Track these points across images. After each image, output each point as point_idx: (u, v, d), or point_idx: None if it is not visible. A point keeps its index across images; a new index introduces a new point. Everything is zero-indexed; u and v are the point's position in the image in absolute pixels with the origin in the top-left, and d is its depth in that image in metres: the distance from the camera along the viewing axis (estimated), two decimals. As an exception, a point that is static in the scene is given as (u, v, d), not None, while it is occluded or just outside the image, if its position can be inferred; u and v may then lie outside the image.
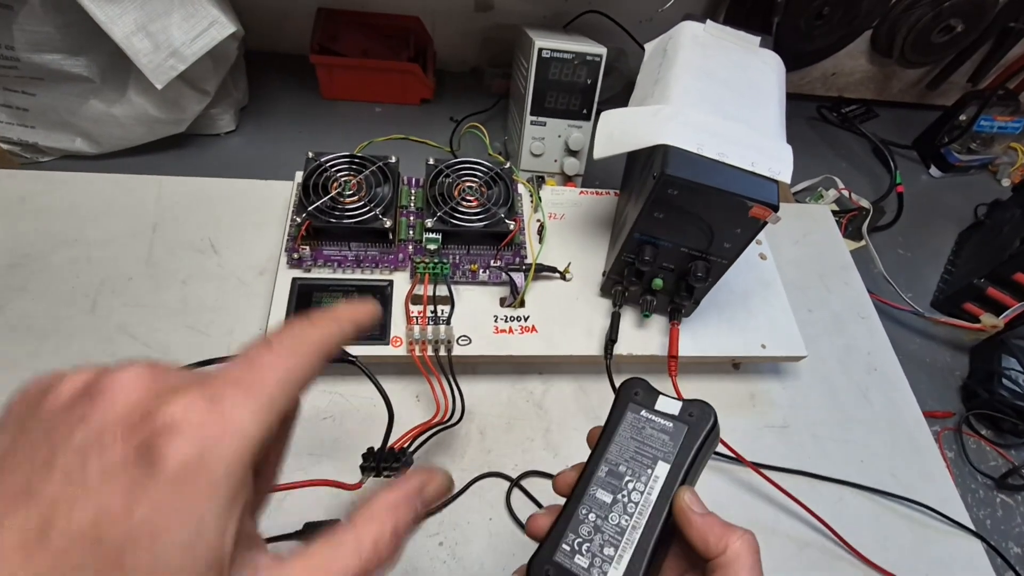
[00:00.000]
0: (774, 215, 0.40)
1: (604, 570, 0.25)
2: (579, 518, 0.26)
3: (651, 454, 0.27)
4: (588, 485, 0.27)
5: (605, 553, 0.25)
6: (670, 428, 0.27)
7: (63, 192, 0.56)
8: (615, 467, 0.27)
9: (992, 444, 0.62)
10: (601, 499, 0.26)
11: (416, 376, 0.48)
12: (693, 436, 0.27)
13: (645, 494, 0.26)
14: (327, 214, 0.49)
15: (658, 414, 0.28)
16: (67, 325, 0.48)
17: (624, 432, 0.28)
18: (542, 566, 0.25)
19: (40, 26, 0.56)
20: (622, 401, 0.29)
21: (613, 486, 0.26)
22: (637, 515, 0.26)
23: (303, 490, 0.43)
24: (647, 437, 0.27)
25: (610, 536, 0.25)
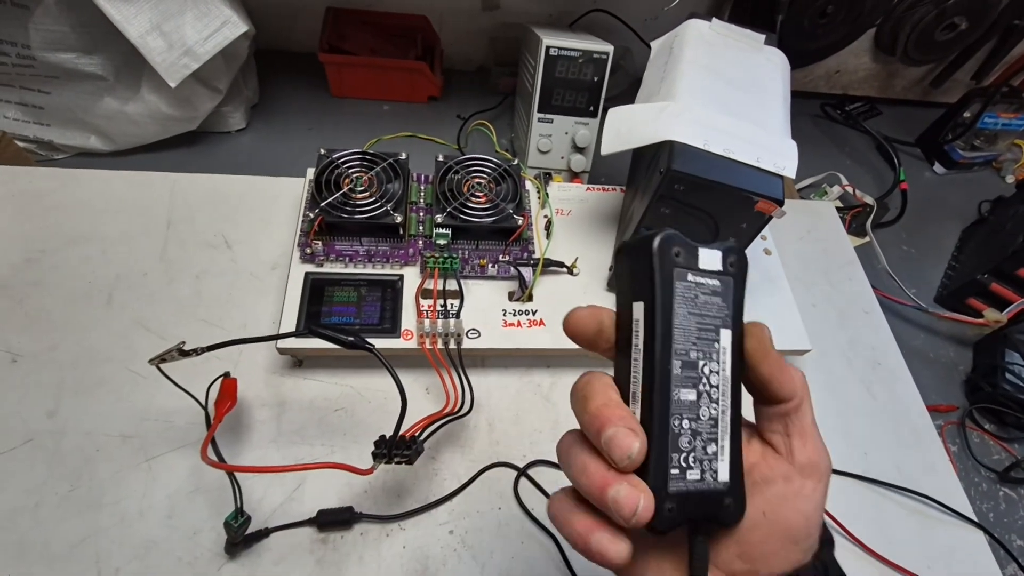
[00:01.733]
0: (779, 210, 0.40)
1: (715, 469, 0.22)
2: (675, 432, 0.22)
3: (712, 324, 0.23)
4: (669, 391, 0.22)
5: (709, 452, 0.22)
6: (719, 287, 0.23)
7: (78, 189, 0.57)
8: (687, 356, 0.22)
9: (995, 438, 0.62)
10: (687, 400, 0.22)
11: (426, 369, 0.49)
12: (739, 289, 0.24)
13: (722, 372, 0.23)
14: (339, 209, 0.50)
15: (705, 275, 0.23)
16: (84, 319, 0.49)
17: (681, 310, 0.23)
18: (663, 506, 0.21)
19: (55, 25, 0.57)
20: (664, 269, 0.23)
21: (692, 379, 0.22)
22: (721, 397, 0.23)
23: (316, 480, 0.44)
24: (702, 306, 0.23)
25: (708, 433, 0.22)
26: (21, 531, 0.40)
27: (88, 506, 0.41)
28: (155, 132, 0.66)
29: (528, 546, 0.44)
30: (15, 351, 0.47)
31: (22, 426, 0.44)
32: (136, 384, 0.47)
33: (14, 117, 0.64)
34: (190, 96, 0.64)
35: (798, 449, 0.23)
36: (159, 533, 0.41)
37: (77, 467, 0.43)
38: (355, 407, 0.48)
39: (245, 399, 0.47)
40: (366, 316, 0.48)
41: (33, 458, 0.43)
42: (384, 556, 0.42)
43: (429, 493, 0.45)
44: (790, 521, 0.22)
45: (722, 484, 0.22)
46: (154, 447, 0.44)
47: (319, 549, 0.42)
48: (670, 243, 0.23)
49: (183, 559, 0.40)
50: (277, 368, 0.49)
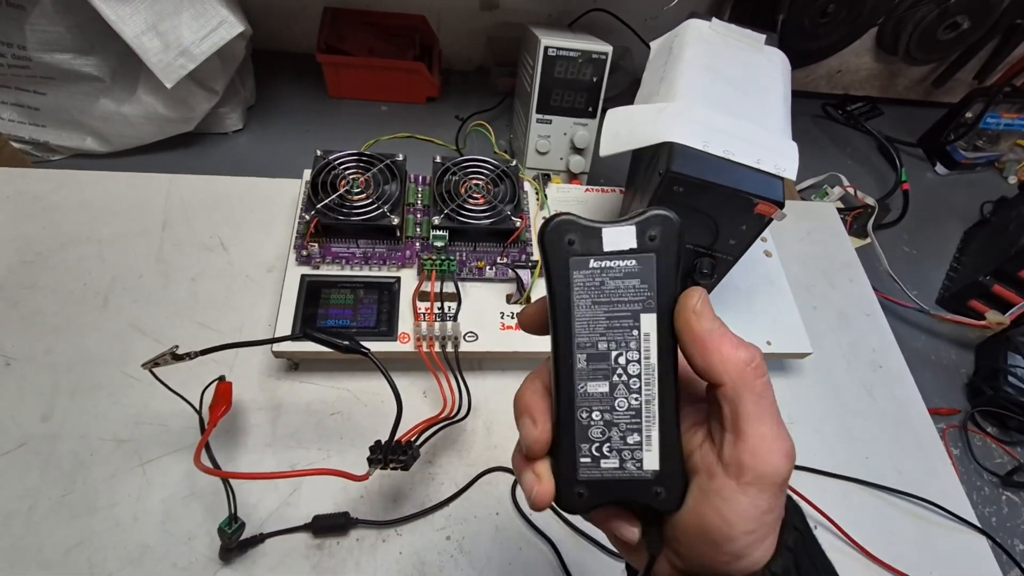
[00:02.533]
0: (779, 212, 0.40)
1: (638, 459, 0.22)
2: (582, 424, 0.22)
3: (627, 310, 0.21)
4: (573, 385, 0.22)
5: (630, 443, 0.22)
6: (635, 267, 0.21)
7: (74, 190, 0.56)
8: (593, 348, 0.21)
9: (998, 441, 0.62)
10: (596, 392, 0.22)
11: (423, 372, 0.48)
12: (667, 264, 0.21)
13: (643, 359, 0.21)
14: (335, 211, 0.49)
15: (611, 256, 0.21)
16: (79, 321, 0.49)
17: (581, 301, 0.21)
18: (572, 491, 0.22)
19: (51, 26, 0.57)
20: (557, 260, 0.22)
21: (602, 371, 0.22)
22: (645, 387, 0.21)
23: (312, 485, 0.44)
24: (611, 293, 0.21)
25: (627, 424, 0.22)
26: (14, 536, 0.40)
27: (82, 511, 0.41)
28: (151, 133, 0.65)
29: (526, 552, 0.44)
30: (9, 354, 0.47)
31: (16, 430, 0.43)
32: (131, 387, 0.46)
33: (10, 118, 0.63)
34: (186, 97, 0.63)
35: (727, 444, 0.20)
36: (153, 538, 0.40)
37: (71, 471, 0.42)
38: (351, 411, 0.48)
39: (240, 403, 0.47)
40: (362, 319, 0.48)
41: (27, 462, 0.42)
42: (380, 562, 0.42)
43: (426, 498, 0.45)
44: (707, 520, 0.20)
45: (649, 473, 0.22)
46: (148, 451, 0.44)
47: (315, 555, 0.41)
48: (561, 230, 0.21)
49: (177, 564, 0.40)
50: (273, 371, 0.49)
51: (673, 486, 0.22)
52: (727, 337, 0.20)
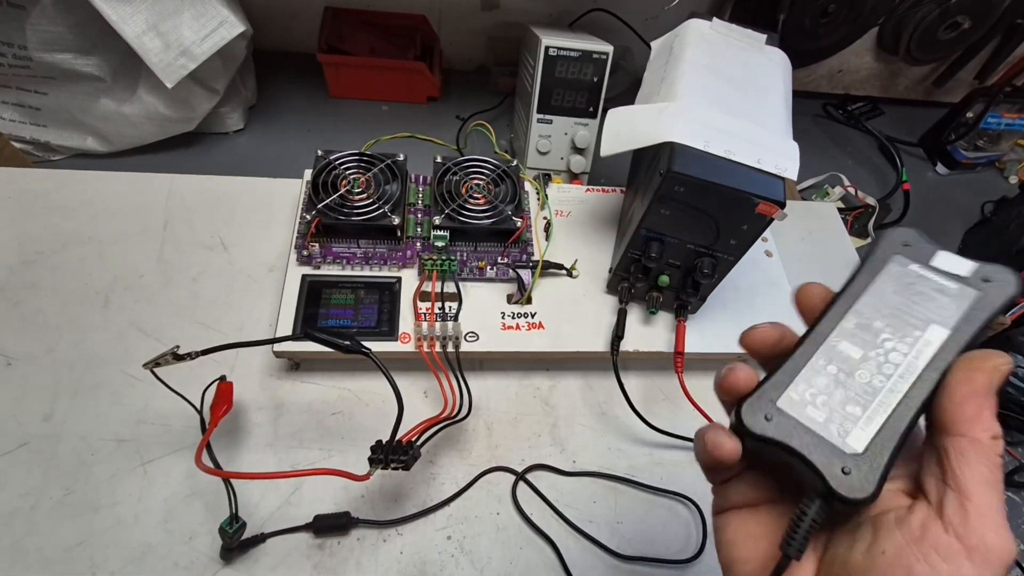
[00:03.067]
0: (780, 212, 0.40)
1: (846, 428, 0.20)
2: (815, 367, 0.21)
3: (922, 315, 0.21)
4: (828, 332, 0.22)
5: (848, 411, 0.21)
6: (954, 290, 0.22)
7: (75, 190, 0.56)
8: (868, 320, 0.22)
9: (998, 441, 0.62)
10: (845, 352, 0.21)
11: (424, 372, 0.48)
12: (986, 305, 0.21)
13: (910, 356, 0.21)
14: (336, 211, 0.49)
15: (937, 272, 0.22)
16: (80, 321, 0.49)
17: (885, 284, 0.22)
18: (760, 408, 0.21)
19: (52, 26, 0.57)
20: (883, 251, 0.23)
21: (864, 340, 0.22)
22: (897, 378, 0.21)
23: (313, 485, 0.44)
24: (918, 295, 0.22)
25: (856, 394, 0.21)
26: (16, 535, 0.40)
27: (83, 510, 0.41)
28: (152, 133, 0.65)
29: (526, 551, 0.44)
30: (10, 354, 0.47)
31: (17, 429, 0.44)
32: (132, 387, 0.46)
33: (10, 118, 0.63)
34: (187, 97, 0.63)
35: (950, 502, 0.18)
36: (155, 537, 0.40)
37: (72, 471, 0.42)
38: (353, 410, 0.48)
39: (241, 402, 0.47)
40: (363, 319, 0.48)
41: (28, 462, 0.42)
42: (381, 562, 0.42)
43: (427, 498, 0.45)
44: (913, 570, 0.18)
45: (848, 448, 0.20)
46: (150, 451, 0.44)
47: (316, 555, 0.41)
48: (902, 234, 0.23)
49: (179, 564, 0.40)
50: (274, 371, 0.49)
51: (867, 476, 0.20)
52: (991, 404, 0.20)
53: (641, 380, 0.54)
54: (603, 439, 0.50)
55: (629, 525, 0.46)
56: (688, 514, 0.47)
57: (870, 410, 0.21)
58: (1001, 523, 0.18)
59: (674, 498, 0.48)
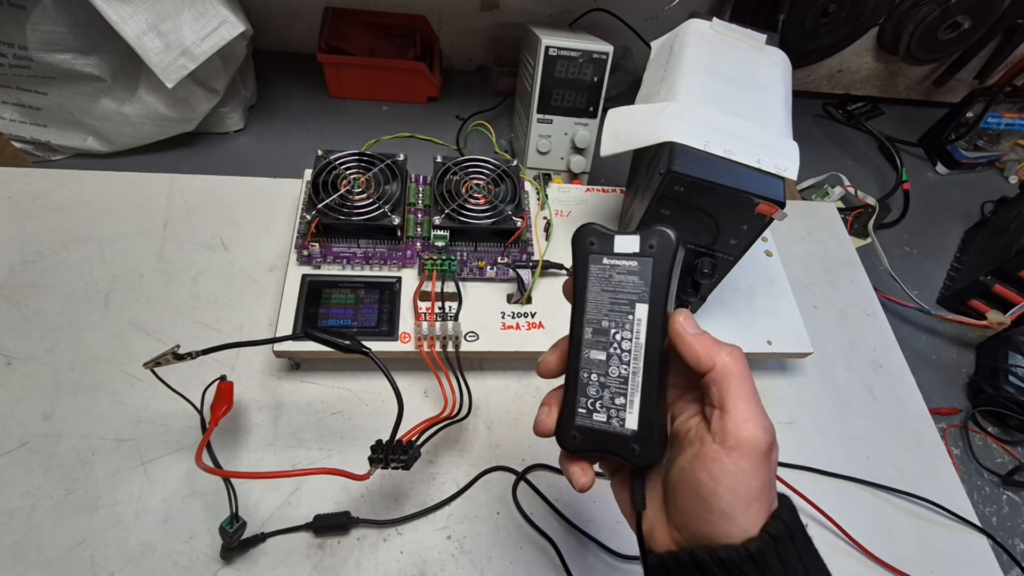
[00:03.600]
0: (780, 212, 0.40)
1: (622, 418, 0.27)
2: (583, 382, 0.28)
3: (626, 299, 0.27)
4: (580, 350, 0.28)
5: (616, 403, 0.27)
6: (636, 267, 0.27)
7: (75, 190, 0.56)
8: (598, 324, 0.28)
9: (998, 441, 0.62)
10: (596, 359, 0.27)
11: (424, 372, 0.48)
12: (661, 267, 0.27)
13: (634, 339, 0.27)
14: (336, 211, 0.49)
15: (619, 257, 0.27)
16: (81, 320, 0.49)
17: (593, 287, 0.28)
18: (567, 433, 0.28)
19: (52, 26, 0.57)
20: (580, 256, 0.28)
21: (602, 343, 0.27)
22: (633, 360, 0.27)
23: (313, 485, 0.44)
24: (616, 284, 0.27)
25: (616, 388, 0.27)
26: (16, 535, 0.40)
27: (83, 509, 0.41)
28: (152, 133, 0.65)
29: (527, 551, 0.44)
30: (11, 353, 0.47)
31: (18, 429, 0.44)
32: (132, 387, 0.46)
33: (11, 118, 0.63)
34: (187, 97, 0.63)
35: (715, 417, 0.25)
36: (155, 537, 0.41)
37: (73, 470, 0.42)
38: (353, 410, 0.48)
39: (241, 402, 0.47)
40: (363, 319, 0.48)
41: (29, 461, 0.42)
42: (381, 561, 0.42)
43: (427, 497, 0.45)
44: (698, 478, 0.24)
45: (628, 431, 0.27)
46: (150, 450, 0.44)
47: (316, 554, 0.41)
48: (585, 234, 0.28)
49: (179, 563, 0.40)
50: (274, 371, 0.49)
51: (647, 445, 0.26)
52: (709, 337, 0.26)
53: (641, 380, 0.54)
54: (603, 439, 0.50)
55: (629, 524, 0.46)
56: (688, 514, 0.47)
57: (628, 395, 0.27)
58: (751, 421, 0.24)
59: (674, 498, 0.48)
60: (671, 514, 0.26)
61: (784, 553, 0.23)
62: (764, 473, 0.24)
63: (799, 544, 0.24)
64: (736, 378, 0.25)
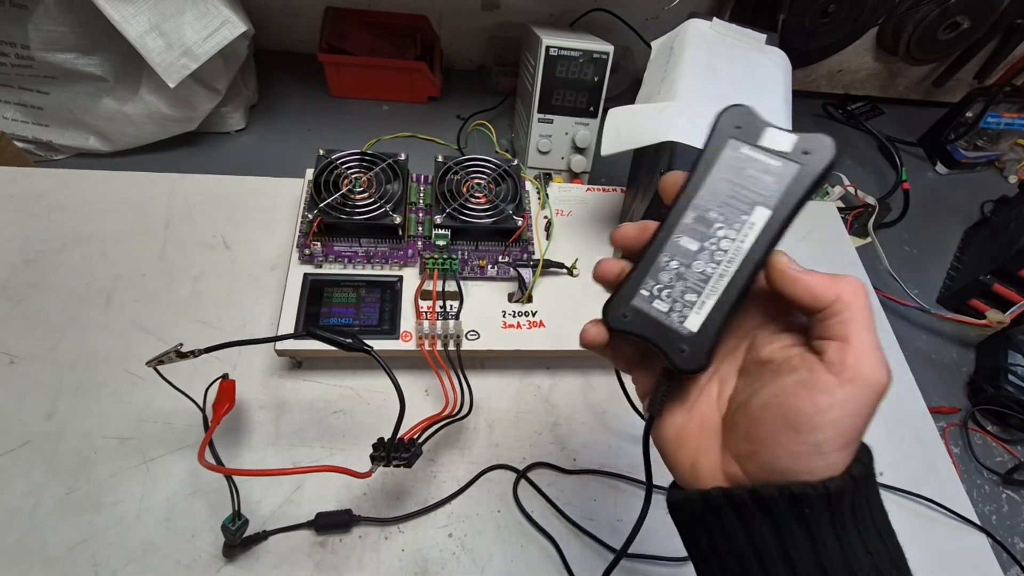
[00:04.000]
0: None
1: (684, 315, 0.24)
2: (660, 265, 0.25)
3: (749, 198, 0.24)
4: (671, 232, 0.25)
5: (686, 299, 0.24)
6: (777, 168, 0.24)
7: (77, 190, 0.56)
8: (704, 213, 0.24)
9: (998, 440, 0.62)
10: (685, 247, 0.24)
11: (425, 370, 0.49)
12: (803, 178, 0.23)
13: (737, 241, 0.24)
14: (338, 210, 0.49)
15: (764, 152, 0.24)
16: (82, 320, 0.49)
17: (719, 174, 0.24)
18: (619, 309, 0.25)
19: (54, 25, 0.57)
20: (719, 135, 0.25)
21: (700, 233, 0.24)
22: (726, 263, 0.24)
23: (314, 482, 0.44)
24: (747, 179, 0.24)
25: (693, 283, 0.24)
26: (19, 533, 0.40)
27: (86, 508, 0.41)
28: (154, 132, 0.65)
29: (528, 549, 0.44)
30: (13, 352, 0.47)
31: (20, 428, 0.44)
32: (134, 386, 0.46)
33: (13, 117, 0.64)
34: (189, 96, 0.63)
35: (833, 348, 0.22)
36: (157, 535, 0.41)
37: (75, 469, 0.42)
38: (354, 409, 0.48)
39: (244, 401, 0.47)
40: (365, 317, 0.48)
41: (31, 460, 0.42)
42: (383, 559, 0.42)
43: (428, 496, 0.45)
44: (797, 406, 0.22)
45: (685, 331, 0.24)
46: (152, 449, 0.44)
47: (317, 552, 0.42)
48: (734, 114, 0.25)
49: (181, 562, 0.40)
50: (276, 370, 0.49)
51: (698, 351, 0.24)
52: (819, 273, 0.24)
53: (642, 379, 0.54)
54: (603, 437, 0.50)
55: (629, 523, 0.46)
56: (689, 512, 0.47)
57: (703, 295, 0.24)
58: (875, 358, 0.22)
59: (675, 496, 0.48)
60: (738, 443, 0.24)
61: (857, 499, 0.22)
62: (870, 414, 0.22)
63: (871, 493, 0.23)
64: (862, 309, 0.23)
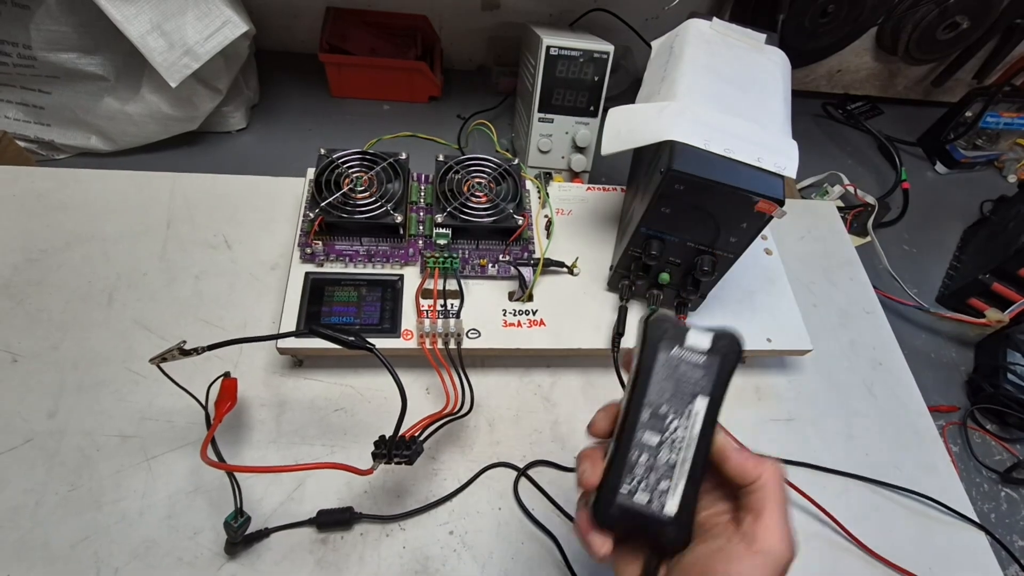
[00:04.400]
0: (780, 210, 0.40)
1: (663, 502, 0.28)
2: (632, 462, 0.28)
3: (689, 391, 0.29)
4: (635, 430, 0.29)
5: (661, 488, 0.28)
6: (703, 362, 0.29)
7: (79, 189, 0.57)
8: (657, 409, 0.29)
9: (997, 438, 0.62)
10: (648, 441, 0.28)
11: (426, 369, 0.49)
12: (725, 367, 0.29)
13: (689, 429, 0.28)
14: (339, 209, 0.50)
15: (690, 351, 0.29)
16: (84, 318, 0.49)
17: (660, 373, 0.29)
18: (608, 509, 0.28)
19: (56, 25, 0.57)
20: (653, 341, 0.29)
21: (658, 427, 0.29)
22: (684, 450, 0.28)
23: (316, 480, 0.44)
24: (683, 375, 0.29)
25: (663, 472, 0.28)
26: (21, 531, 0.40)
27: (88, 506, 0.41)
28: (156, 132, 0.66)
29: (528, 546, 0.44)
30: (15, 351, 0.47)
31: (22, 426, 0.44)
32: (136, 384, 0.47)
33: (15, 117, 0.64)
34: (191, 96, 0.64)
35: (748, 521, 0.26)
36: (159, 533, 0.41)
37: (77, 467, 0.43)
38: (355, 407, 0.48)
39: (245, 399, 0.47)
40: (366, 316, 0.48)
41: (33, 458, 0.43)
42: (384, 556, 0.42)
43: (429, 493, 0.45)
44: (715, 570, 0.26)
45: (667, 516, 0.27)
46: (154, 447, 0.44)
47: (319, 549, 0.42)
48: (661, 322, 0.29)
49: (183, 559, 0.40)
50: (277, 368, 0.49)
51: (682, 531, 0.27)
52: (748, 451, 0.28)
53: (642, 377, 0.54)
54: (604, 436, 0.50)
55: None
56: (688, 510, 0.48)
57: (673, 481, 0.28)
58: (782, 534, 0.26)
59: (674, 494, 0.48)
60: None
61: None
62: None
63: None
64: (777, 490, 0.27)
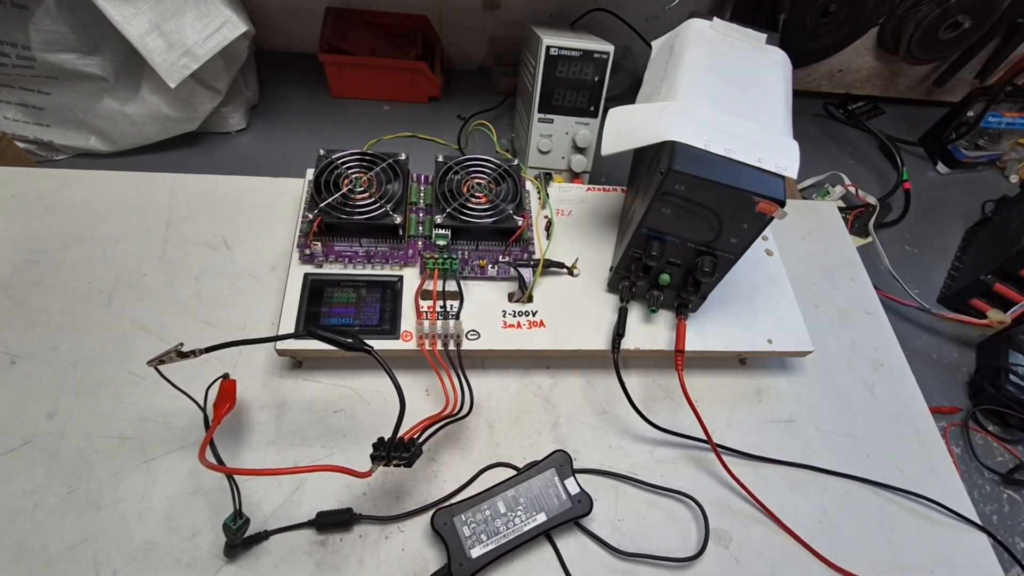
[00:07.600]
0: (780, 210, 0.40)
1: (473, 544, 0.40)
2: (481, 509, 0.40)
3: (542, 505, 0.42)
4: (498, 495, 0.41)
5: (480, 537, 0.40)
6: (563, 499, 0.43)
7: (78, 190, 0.57)
8: (519, 496, 0.41)
9: (999, 440, 0.62)
10: (498, 508, 0.41)
11: (426, 370, 0.49)
12: (569, 513, 0.42)
13: (523, 523, 0.41)
14: (339, 210, 0.49)
15: (562, 487, 0.43)
16: (84, 319, 0.49)
17: (538, 482, 0.43)
18: (443, 518, 0.40)
19: (55, 26, 0.57)
20: (549, 465, 0.44)
21: (510, 506, 0.41)
22: (510, 531, 0.40)
23: (315, 482, 0.44)
24: (547, 494, 0.42)
25: (490, 530, 0.40)
26: (20, 533, 0.40)
27: (87, 508, 0.41)
28: (155, 133, 0.66)
29: (526, 548, 0.44)
30: (15, 352, 0.47)
31: (21, 427, 0.44)
32: (135, 385, 0.47)
33: (14, 118, 0.64)
34: (190, 97, 0.64)
35: None
36: (158, 535, 0.41)
37: (76, 468, 0.43)
38: (355, 408, 0.48)
39: (244, 400, 0.47)
40: (365, 317, 0.48)
41: (32, 459, 0.43)
42: (383, 558, 0.42)
43: (428, 494, 0.45)
44: None
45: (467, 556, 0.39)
46: (153, 448, 0.44)
47: (318, 551, 0.42)
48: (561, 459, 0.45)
49: (182, 561, 0.40)
50: (276, 369, 0.49)
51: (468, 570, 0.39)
52: None
53: (642, 378, 0.54)
54: (604, 437, 0.50)
55: (629, 523, 0.46)
56: (688, 513, 0.47)
57: (490, 540, 0.39)
58: None
59: (675, 496, 0.48)
60: None
61: None
62: None
63: None
64: None
